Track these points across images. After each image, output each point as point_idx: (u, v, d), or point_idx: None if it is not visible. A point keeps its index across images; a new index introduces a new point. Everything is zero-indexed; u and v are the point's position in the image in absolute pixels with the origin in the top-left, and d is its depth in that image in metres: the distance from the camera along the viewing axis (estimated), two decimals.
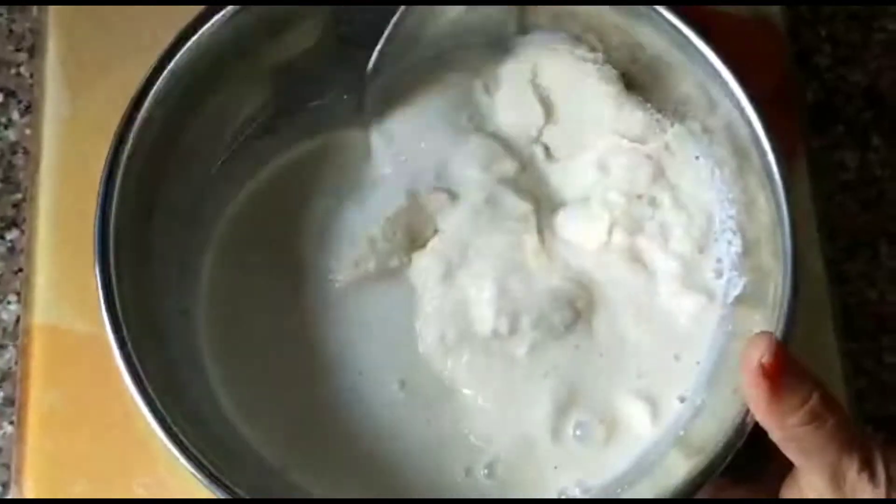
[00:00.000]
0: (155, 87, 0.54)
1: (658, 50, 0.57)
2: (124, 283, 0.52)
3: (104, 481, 0.57)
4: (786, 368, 0.45)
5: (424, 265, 0.58)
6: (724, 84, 0.54)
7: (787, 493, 0.48)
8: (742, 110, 0.53)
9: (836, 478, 0.46)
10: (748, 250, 0.56)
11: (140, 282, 0.54)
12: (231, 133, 0.60)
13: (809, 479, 0.47)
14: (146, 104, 0.54)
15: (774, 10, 0.67)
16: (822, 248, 0.62)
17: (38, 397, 0.58)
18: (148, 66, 0.54)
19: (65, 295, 0.60)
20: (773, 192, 0.52)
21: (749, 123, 0.53)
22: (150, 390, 0.50)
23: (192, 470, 0.49)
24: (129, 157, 0.53)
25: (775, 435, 0.47)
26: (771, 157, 0.52)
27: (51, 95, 0.64)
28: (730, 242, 0.57)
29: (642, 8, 0.55)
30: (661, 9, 0.54)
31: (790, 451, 0.47)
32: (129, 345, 0.51)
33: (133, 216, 0.53)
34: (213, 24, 0.55)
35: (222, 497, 0.49)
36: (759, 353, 0.45)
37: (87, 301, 0.59)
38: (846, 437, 0.46)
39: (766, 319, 0.52)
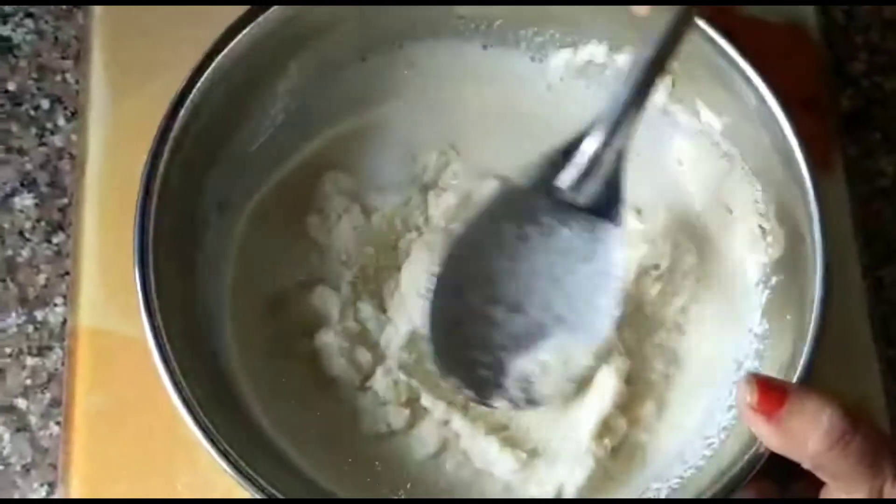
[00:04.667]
0: (193, 91, 0.55)
1: (688, 56, 0.57)
2: (164, 285, 0.52)
3: (148, 481, 0.58)
4: (780, 400, 0.45)
5: None
6: (755, 90, 0.54)
7: None
8: (772, 116, 0.54)
9: (871, 493, 0.44)
10: (780, 255, 0.56)
11: (181, 283, 0.55)
12: (269, 128, 0.60)
13: (844, 498, 0.46)
14: (184, 108, 0.55)
15: (809, 18, 0.67)
16: (859, 254, 0.62)
17: (84, 399, 0.59)
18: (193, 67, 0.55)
19: (110, 298, 0.61)
20: (804, 197, 0.53)
21: (779, 130, 0.53)
22: (188, 393, 0.51)
23: (230, 471, 0.50)
24: (167, 160, 0.54)
25: (804, 464, 0.45)
26: (801, 163, 0.53)
27: (96, 101, 0.65)
28: (763, 247, 0.57)
29: None
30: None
31: (822, 476, 0.46)
32: (168, 347, 0.51)
33: (173, 217, 0.54)
34: (253, 27, 0.56)
35: (259, 498, 0.49)
36: (745, 395, 0.45)
37: (132, 304, 0.59)
38: (875, 452, 0.44)
39: (797, 324, 0.52)
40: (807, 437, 0.44)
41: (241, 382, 0.57)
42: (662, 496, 0.53)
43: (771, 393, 0.45)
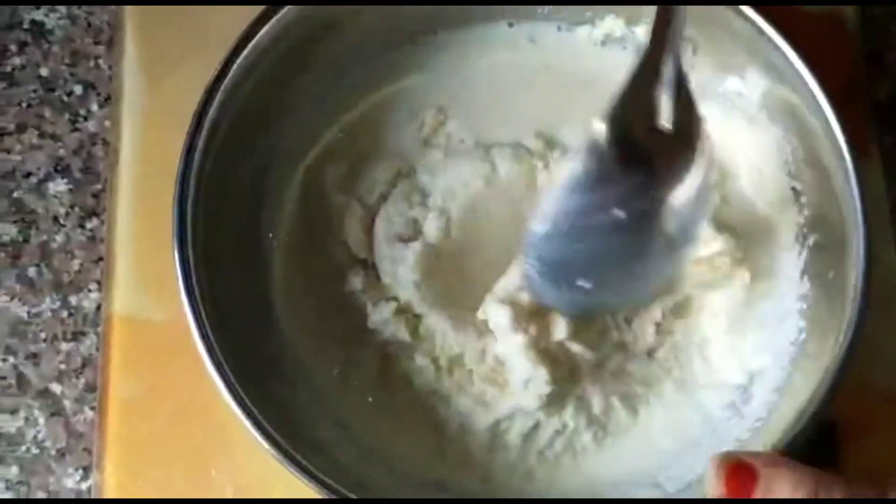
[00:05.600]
0: (227, 78, 0.55)
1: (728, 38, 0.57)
2: (201, 270, 0.53)
3: (182, 466, 0.58)
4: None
5: None
6: (797, 76, 0.54)
7: None
8: (815, 104, 0.54)
9: None
10: (821, 243, 0.56)
11: (219, 268, 0.55)
12: (306, 111, 0.61)
13: None
14: (218, 96, 0.55)
15: (847, 8, 0.66)
16: None
17: (119, 384, 0.59)
18: (223, 57, 0.55)
19: (144, 284, 0.61)
20: (847, 184, 0.52)
21: (822, 117, 0.53)
22: (230, 375, 0.51)
23: (273, 451, 0.50)
24: (204, 146, 0.54)
25: None
26: (844, 150, 0.53)
27: (129, 87, 0.65)
28: (804, 239, 0.57)
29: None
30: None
31: None
32: (209, 330, 0.52)
33: (210, 199, 0.54)
34: (285, 13, 0.56)
35: (296, 474, 0.50)
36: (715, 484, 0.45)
37: (165, 290, 0.60)
38: None
39: (838, 314, 0.52)
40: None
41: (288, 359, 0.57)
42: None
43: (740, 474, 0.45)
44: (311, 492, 0.50)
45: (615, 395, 0.57)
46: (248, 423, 0.50)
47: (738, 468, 0.44)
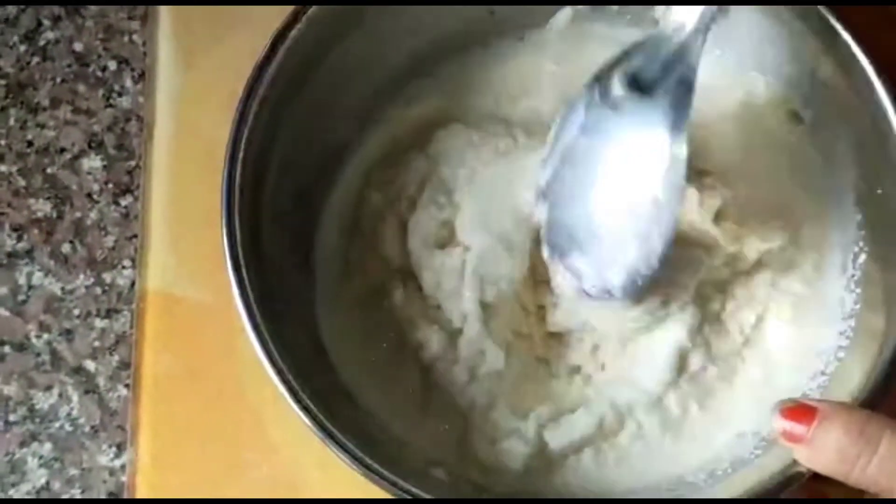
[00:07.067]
0: (279, 53, 0.53)
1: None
2: (247, 248, 0.51)
3: (216, 444, 0.58)
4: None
5: None
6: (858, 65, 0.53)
7: None
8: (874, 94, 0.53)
9: None
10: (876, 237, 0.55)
11: (262, 248, 0.53)
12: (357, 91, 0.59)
13: None
14: (269, 70, 0.53)
15: None
16: None
17: (152, 362, 0.59)
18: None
19: (178, 261, 0.61)
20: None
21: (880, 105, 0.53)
22: (275, 354, 0.50)
23: (311, 424, 0.49)
24: (252, 121, 0.53)
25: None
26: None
27: (163, 63, 0.64)
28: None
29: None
30: None
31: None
32: (253, 301, 0.50)
33: (254, 180, 0.53)
34: None
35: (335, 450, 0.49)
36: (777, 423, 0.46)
37: (199, 267, 0.60)
38: None
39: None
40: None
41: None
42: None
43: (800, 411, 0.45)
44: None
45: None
46: (288, 397, 0.49)
47: (799, 406, 0.46)
